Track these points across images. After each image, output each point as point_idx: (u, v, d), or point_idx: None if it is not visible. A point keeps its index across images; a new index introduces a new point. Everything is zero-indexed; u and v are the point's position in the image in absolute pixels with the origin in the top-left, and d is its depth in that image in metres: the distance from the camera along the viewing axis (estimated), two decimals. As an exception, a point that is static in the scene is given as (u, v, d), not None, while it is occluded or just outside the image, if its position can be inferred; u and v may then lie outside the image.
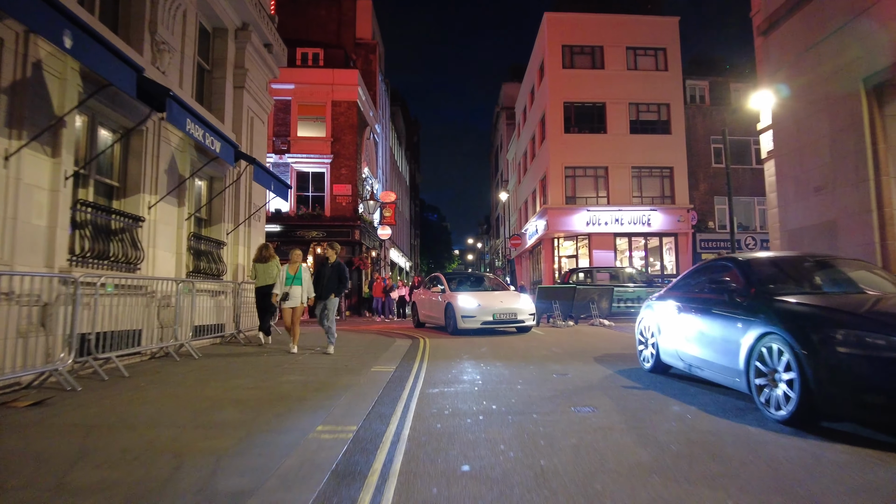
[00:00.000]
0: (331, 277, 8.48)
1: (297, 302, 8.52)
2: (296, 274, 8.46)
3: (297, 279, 8.44)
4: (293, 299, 8.51)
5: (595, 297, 14.67)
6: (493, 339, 11.05)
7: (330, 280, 8.46)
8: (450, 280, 13.90)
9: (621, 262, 26.14)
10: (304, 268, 8.47)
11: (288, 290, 8.47)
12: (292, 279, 8.44)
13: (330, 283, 8.45)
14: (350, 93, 24.36)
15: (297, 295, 8.48)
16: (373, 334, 12.94)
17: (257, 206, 11.93)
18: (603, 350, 8.84)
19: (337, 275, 8.51)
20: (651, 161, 26.11)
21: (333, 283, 8.47)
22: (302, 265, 8.52)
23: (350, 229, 23.63)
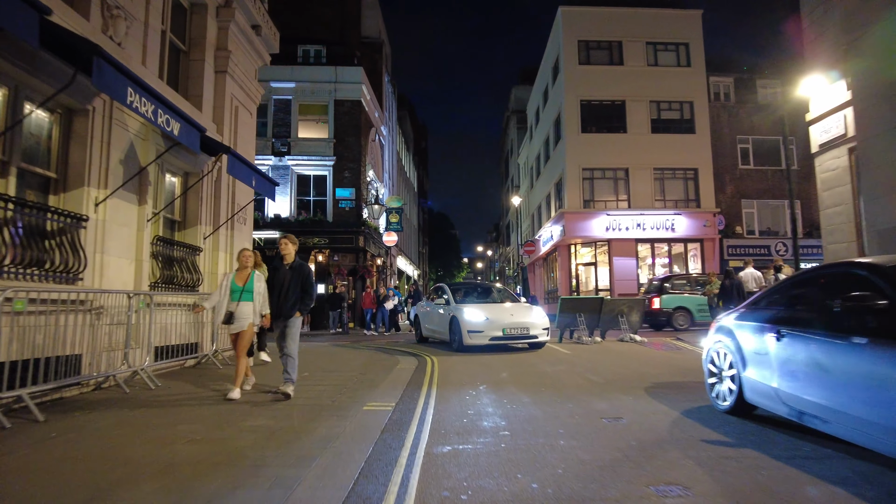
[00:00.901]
0: (290, 285, 6.00)
1: (244, 324, 5.98)
2: (245, 284, 6.04)
3: (246, 292, 6.03)
4: (240, 320, 5.96)
5: (624, 309, 13.08)
6: (510, 358, 9.50)
7: (290, 289, 5.99)
8: (455, 291, 12.51)
9: (643, 271, 24.49)
10: (257, 276, 6.14)
11: (234, 307, 5.96)
12: (240, 292, 6.02)
13: (290, 293, 5.99)
14: (354, 91, 23.03)
15: (246, 314, 5.99)
16: (371, 351, 11.44)
17: (243, 208, 10.51)
18: (651, 377, 7.26)
19: (299, 282, 6.01)
20: (674, 162, 24.51)
21: (294, 293, 6.00)
22: (255, 272, 6.16)
23: (354, 236, 22.21)
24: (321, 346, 13.00)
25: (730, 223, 24.83)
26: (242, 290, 6.03)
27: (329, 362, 9.14)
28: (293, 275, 6.05)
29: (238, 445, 4.05)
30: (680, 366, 8.50)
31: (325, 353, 10.71)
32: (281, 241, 6.13)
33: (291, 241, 6.14)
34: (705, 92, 25.15)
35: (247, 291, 6.02)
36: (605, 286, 24.27)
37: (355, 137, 22.84)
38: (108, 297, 6.37)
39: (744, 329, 4.84)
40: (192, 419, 4.87)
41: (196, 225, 9.13)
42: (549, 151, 28.53)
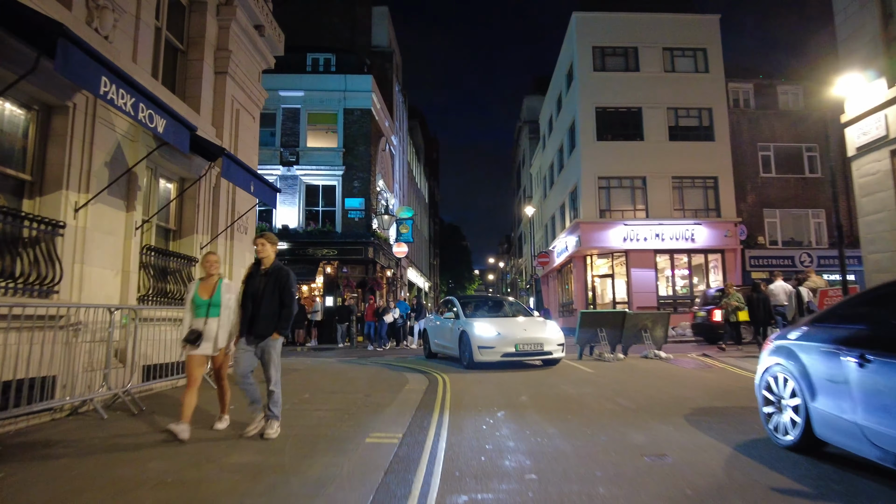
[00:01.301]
0: (266, 296, 4.76)
1: (210, 347, 4.80)
2: (212, 297, 4.87)
3: (213, 305, 4.84)
4: (210, 342, 4.80)
5: (648, 323, 12.29)
6: (527, 376, 8.77)
7: (264, 302, 4.75)
8: (465, 304, 11.92)
9: (662, 283, 23.62)
10: (225, 285, 4.97)
11: (202, 325, 4.78)
12: (206, 306, 4.83)
13: (264, 307, 4.75)
14: (364, 100, 22.59)
15: (211, 334, 4.80)
16: (379, 367, 10.76)
17: (242, 216, 9.94)
18: (687, 401, 6.51)
19: (278, 292, 4.79)
20: (693, 170, 23.72)
21: (271, 307, 4.76)
22: (223, 281, 5.01)
23: (363, 247, 21.63)
24: (327, 362, 12.35)
25: (752, 233, 23.93)
26: (209, 303, 4.86)
27: (333, 382, 8.48)
28: (269, 283, 4.80)
29: (213, 491, 3.40)
30: (716, 387, 7.73)
31: (330, 371, 10.05)
32: (257, 241, 4.94)
33: (269, 241, 4.96)
34: (724, 98, 24.40)
35: (214, 305, 4.87)
36: (623, 299, 23.43)
37: (365, 147, 22.36)
38: (88, 311, 5.78)
39: (810, 351, 4.11)
40: (169, 454, 4.22)
41: (192, 234, 8.56)
42: (563, 160, 27.87)
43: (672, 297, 23.35)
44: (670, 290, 23.57)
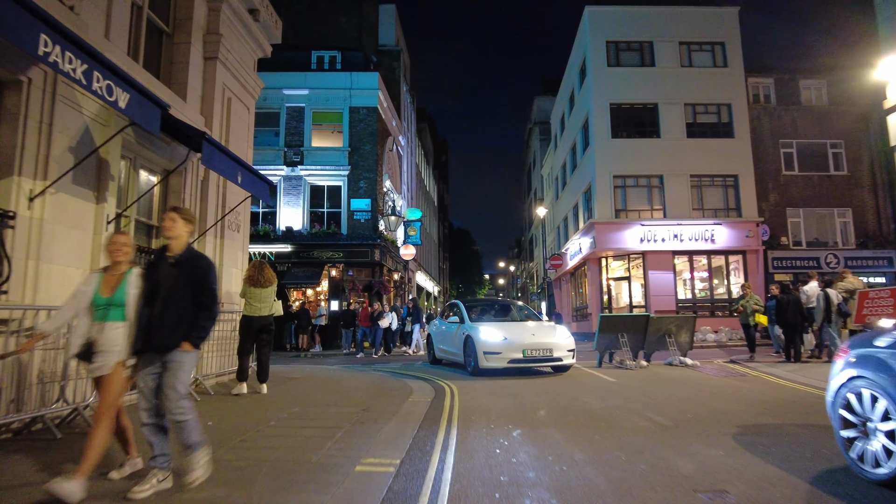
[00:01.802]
0: (172, 293, 3.52)
1: (110, 362, 3.45)
2: (115, 293, 3.53)
3: (116, 306, 3.51)
4: (104, 355, 3.45)
5: (672, 328, 11.42)
6: (543, 385, 7.93)
7: (171, 301, 3.50)
8: (469, 308, 11.43)
9: (681, 286, 22.65)
10: (133, 278, 3.59)
11: (97, 333, 3.48)
12: (105, 306, 3.51)
13: (170, 307, 3.49)
14: (370, 97, 21.91)
15: (112, 344, 3.46)
16: (382, 375, 9.98)
17: (235, 212, 9.21)
18: (730, 416, 5.66)
19: (189, 287, 3.55)
20: (712, 168, 22.76)
21: (179, 307, 3.51)
22: (131, 271, 3.62)
23: (370, 249, 20.90)
24: (328, 369, 11.59)
25: (774, 234, 22.89)
26: (109, 302, 3.50)
27: (330, 392, 7.70)
28: (178, 276, 3.53)
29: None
30: (757, 399, 6.85)
31: (329, 380, 9.28)
32: (165, 217, 3.66)
33: (184, 217, 3.67)
34: (744, 93, 23.42)
35: (116, 306, 3.50)
36: (640, 302, 22.48)
37: (371, 146, 21.66)
38: (40, 315, 5.05)
39: (910, 361, 3.27)
40: (110, 491, 3.45)
41: (176, 231, 7.83)
42: (576, 159, 27.00)
43: (691, 300, 22.37)
44: (689, 293, 22.57)
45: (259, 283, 7.74)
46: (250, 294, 7.65)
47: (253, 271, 7.82)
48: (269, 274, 7.91)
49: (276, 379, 9.00)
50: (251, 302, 7.69)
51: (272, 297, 7.92)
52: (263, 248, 20.64)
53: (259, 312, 7.70)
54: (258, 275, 7.78)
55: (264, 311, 7.78)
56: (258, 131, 22.08)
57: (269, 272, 7.94)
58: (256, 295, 7.67)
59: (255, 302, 7.68)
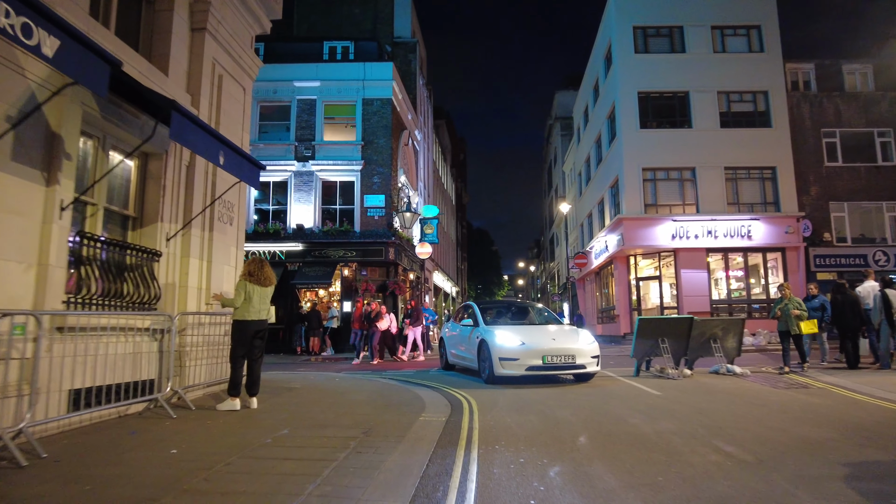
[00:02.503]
0: None
1: None
2: None
3: None
4: None
5: (718, 332, 10.16)
6: (576, 400, 6.78)
7: None
8: (484, 310, 10.67)
9: (716, 285, 21.23)
10: None
11: None
12: None
13: None
14: (384, 89, 20.91)
15: None
16: (391, 383, 8.92)
17: (225, 202, 8.22)
18: (827, 447, 4.46)
19: None
20: (748, 160, 21.31)
21: None
22: None
23: (384, 247, 19.89)
24: (334, 377, 10.57)
25: (816, 229, 21.34)
26: None
27: (329, 407, 6.65)
28: None
29: None
30: (843, 421, 5.62)
31: (332, 390, 8.24)
32: None
33: None
34: (782, 80, 21.93)
35: None
36: (671, 303, 21.13)
37: (385, 139, 20.66)
38: (-38, 319, 4.08)
39: None
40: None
41: (155, 222, 6.87)
42: (601, 153, 25.69)
43: (727, 300, 20.96)
44: (724, 293, 21.14)
45: (261, 280, 6.76)
46: (250, 293, 6.66)
47: (253, 266, 6.82)
48: (269, 272, 6.93)
49: (271, 389, 8.00)
50: (251, 302, 6.70)
51: (269, 298, 6.93)
52: (273, 246, 19.78)
53: (258, 315, 6.71)
54: (259, 271, 6.80)
55: (263, 313, 6.78)
56: (267, 126, 21.36)
57: (269, 271, 6.96)
58: (257, 294, 6.68)
59: (256, 303, 6.68)
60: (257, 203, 20.81)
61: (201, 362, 7.36)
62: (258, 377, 6.75)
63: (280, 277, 19.14)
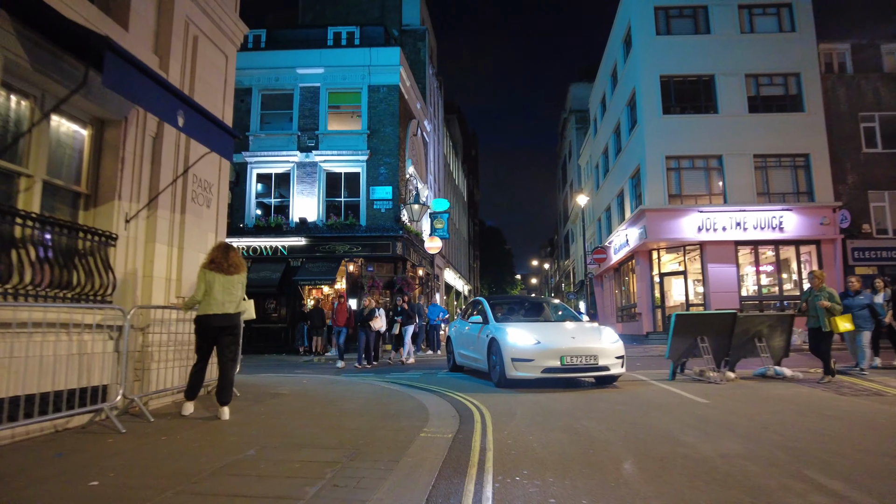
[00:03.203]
0: None
1: None
2: None
3: None
4: None
5: (763, 329, 8.94)
6: (610, 409, 5.65)
7: None
8: (495, 306, 9.75)
9: (745, 280, 19.89)
10: None
11: None
12: None
13: None
14: (391, 75, 19.86)
15: None
16: (393, 388, 7.81)
17: (201, 182, 7.18)
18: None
19: None
20: (779, 147, 19.93)
21: None
22: None
23: (391, 242, 18.83)
24: (330, 380, 9.51)
25: (855, 220, 19.90)
26: None
27: (313, 420, 5.58)
28: None
29: None
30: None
31: (322, 397, 7.17)
32: None
33: None
34: (816, 61, 20.51)
35: None
36: (696, 300, 19.84)
37: (393, 128, 19.60)
38: None
39: None
40: None
41: (112, 200, 5.85)
42: (620, 142, 24.42)
43: (757, 296, 19.61)
44: (754, 288, 19.80)
45: (223, 268, 5.70)
46: (210, 282, 5.63)
47: (216, 253, 5.79)
48: (236, 259, 5.86)
49: (254, 396, 6.97)
50: (212, 294, 5.66)
51: (240, 290, 5.85)
52: (275, 241, 18.82)
53: (222, 309, 5.65)
54: (223, 258, 5.75)
55: (229, 306, 5.71)
56: (269, 115, 20.41)
57: (236, 257, 5.89)
58: (220, 284, 5.64)
59: (218, 294, 5.65)
60: (259, 197, 19.87)
61: (171, 364, 6.34)
62: (229, 383, 5.71)
63: (282, 274, 18.19)
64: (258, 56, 20.21)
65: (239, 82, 19.98)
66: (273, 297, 18.75)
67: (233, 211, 19.28)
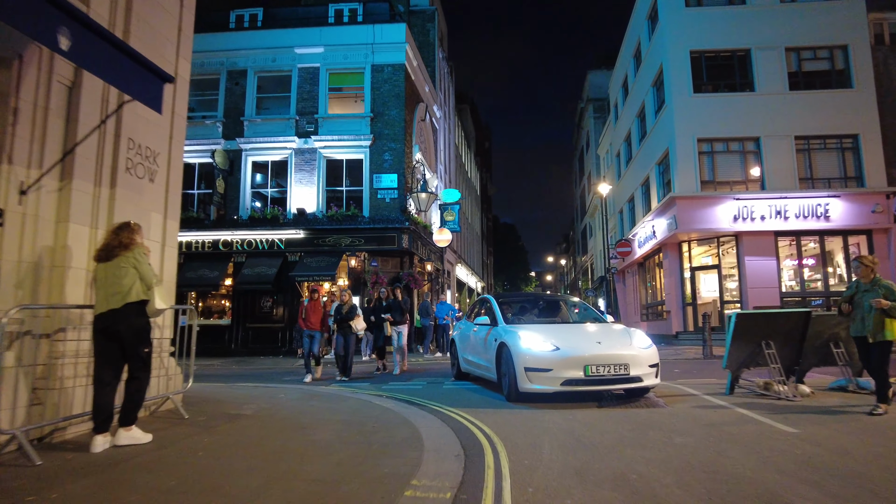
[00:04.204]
0: None
1: None
2: None
3: None
4: None
5: (841, 332, 7.27)
6: (664, 438, 4.10)
7: None
8: (504, 305, 8.47)
9: (787, 274, 18.08)
10: None
11: None
12: None
13: None
14: (396, 53, 18.34)
15: None
16: (382, 403, 6.26)
17: (141, 149, 5.70)
18: None
19: None
20: (824, 127, 18.05)
21: None
22: None
23: (397, 234, 17.33)
24: (307, 393, 8.02)
25: (909, 208, 17.94)
26: None
27: (256, 464, 4.05)
28: None
29: None
30: None
31: (288, 423, 5.65)
32: None
33: None
34: (866, 32, 18.56)
35: None
36: (732, 297, 18.08)
37: (398, 110, 18.08)
38: None
39: None
40: None
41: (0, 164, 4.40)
42: (645, 126, 22.64)
43: (800, 293, 17.77)
44: (796, 283, 17.98)
45: (99, 255, 4.31)
46: (95, 274, 4.20)
47: (107, 239, 4.38)
48: (124, 236, 4.39)
49: (206, 419, 5.49)
50: (98, 289, 4.25)
51: (128, 276, 4.31)
52: (271, 234, 17.43)
53: (106, 305, 4.23)
54: (106, 238, 4.34)
55: (113, 300, 4.23)
56: (265, 99, 19.00)
57: (125, 234, 4.40)
58: (102, 274, 4.23)
59: (101, 286, 4.23)
60: (254, 188, 18.48)
61: (75, 382, 4.85)
62: (135, 400, 4.28)
63: (279, 269, 16.80)
64: (254, 36, 18.84)
65: (233, 64, 18.63)
66: (270, 295, 17.37)
67: (227, 202, 17.93)
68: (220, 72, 18.58)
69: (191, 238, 17.61)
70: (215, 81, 18.65)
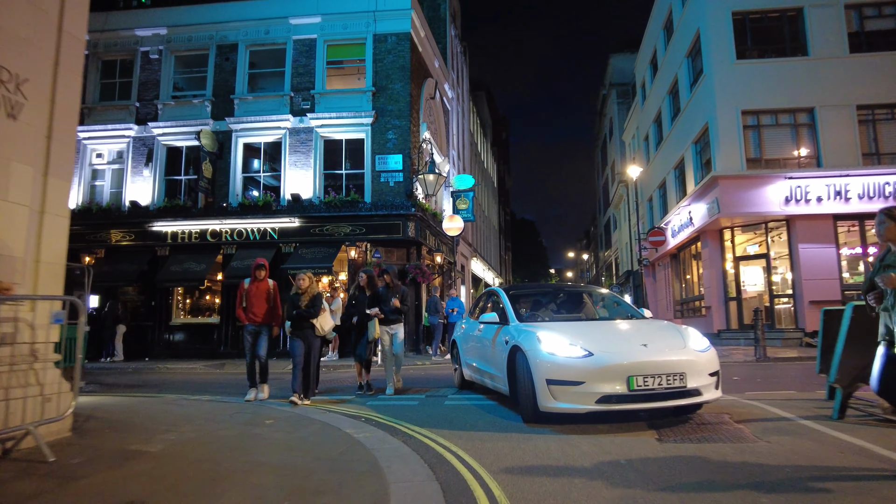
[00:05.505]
0: None
1: None
2: None
3: None
4: None
5: None
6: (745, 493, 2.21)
7: None
8: (516, 299, 6.59)
9: (848, 264, 15.82)
10: None
11: None
12: None
13: None
14: (400, 21, 16.49)
15: None
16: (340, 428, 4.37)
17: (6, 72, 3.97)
18: None
19: None
20: (892, 95, 15.71)
21: None
22: None
23: (402, 222, 15.49)
24: (258, 416, 6.23)
25: None
26: None
27: None
28: None
29: None
30: None
31: (199, 466, 3.86)
32: None
33: None
34: (937, -15, 16.18)
35: None
36: (782, 290, 15.89)
37: (403, 84, 16.23)
38: None
39: None
40: None
41: None
42: (679, 102, 20.42)
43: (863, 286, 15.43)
44: (860, 274, 15.69)
45: None
46: None
47: None
48: None
49: (90, 456, 3.73)
50: None
51: None
52: (263, 223, 15.76)
53: None
54: None
55: None
56: (257, 76, 17.32)
57: None
58: None
59: None
60: (245, 172, 16.82)
61: None
62: None
63: (271, 261, 15.05)
64: (246, 6, 17.14)
65: (223, 38, 16.98)
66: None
67: (215, 188, 16.30)
68: (208, 46, 16.94)
69: (176, 228, 16.01)
70: (203, 57, 17.03)
